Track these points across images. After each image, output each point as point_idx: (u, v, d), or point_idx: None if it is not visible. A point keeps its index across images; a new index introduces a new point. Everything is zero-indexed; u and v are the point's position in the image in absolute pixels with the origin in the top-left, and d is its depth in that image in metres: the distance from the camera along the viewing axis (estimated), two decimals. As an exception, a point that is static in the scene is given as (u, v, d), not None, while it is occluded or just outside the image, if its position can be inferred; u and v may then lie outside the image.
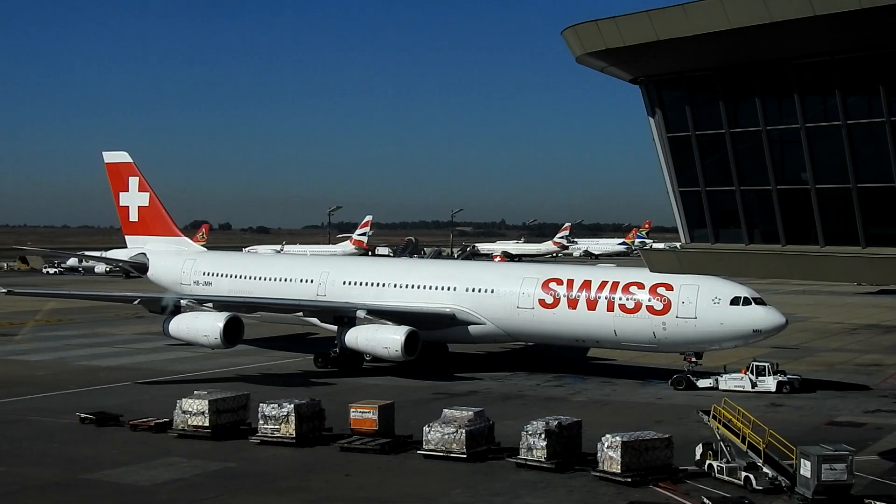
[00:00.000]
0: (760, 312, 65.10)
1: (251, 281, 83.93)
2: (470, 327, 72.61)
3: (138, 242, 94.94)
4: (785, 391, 64.13)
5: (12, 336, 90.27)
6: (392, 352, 67.38)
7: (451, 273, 78.11)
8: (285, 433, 48.15)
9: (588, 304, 68.00)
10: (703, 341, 65.77)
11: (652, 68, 49.65)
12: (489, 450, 46.59)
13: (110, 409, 55.13)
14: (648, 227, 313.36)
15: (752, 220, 49.13)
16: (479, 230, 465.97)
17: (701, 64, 47.51)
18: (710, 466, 43.61)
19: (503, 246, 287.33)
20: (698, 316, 64.81)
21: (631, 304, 66.54)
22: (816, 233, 46.48)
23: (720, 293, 65.09)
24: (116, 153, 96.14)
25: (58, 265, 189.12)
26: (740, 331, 64.84)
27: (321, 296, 77.92)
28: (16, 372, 69.84)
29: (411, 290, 75.56)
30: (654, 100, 50.50)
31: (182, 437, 49.42)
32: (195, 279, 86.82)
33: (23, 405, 58.20)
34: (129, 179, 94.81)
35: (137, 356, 77.90)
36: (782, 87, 45.87)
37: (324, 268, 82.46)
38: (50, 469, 43.89)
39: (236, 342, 68.14)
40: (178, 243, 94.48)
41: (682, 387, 65.58)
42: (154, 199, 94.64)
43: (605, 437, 43.32)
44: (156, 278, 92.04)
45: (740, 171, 47.94)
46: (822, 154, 45.76)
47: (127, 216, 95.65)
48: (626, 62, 49.35)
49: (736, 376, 65.73)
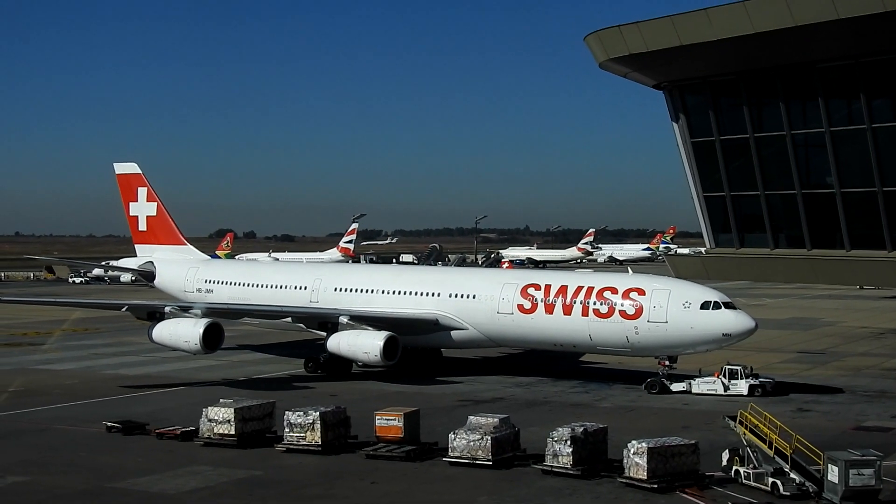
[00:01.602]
0: (730, 316, 64.92)
1: (249, 288, 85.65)
2: (453, 332, 73.80)
3: (147, 251, 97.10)
4: (757, 394, 64.10)
5: (40, 345, 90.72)
6: (372, 356, 68.76)
7: (436, 279, 79.19)
8: (311, 441, 48.16)
9: (564, 308, 68.71)
10: (674, 345, 66.01)
11: (675, 73, 49.65)
12: (515, 456, 46.47)
13: (137, 417, 55.27)
14: (673, 233, 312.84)
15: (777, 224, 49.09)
16: (503, 237, 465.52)
17: (724, 68, 47.50)
18: (736, 472, 43.37)
19: (526, 252, 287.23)
20: (669, 320, 64.94)
21: (605, 308, 67.04)
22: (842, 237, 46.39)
23: (691, 297, 65.22)
24: (126, 164, 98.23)
25: (83, 274, 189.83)
26: (710, 335, 64.82)
27: (314, 302, 79.36)
28: (43, 381, 70.16)
29: (398, 296, 77.14)
30: (678, 105, 50.53)
31: (208, 445, 49.50)
32: (197, 287, 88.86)
33: (50, 414, 58.44)
34: (138, 190, 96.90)
35: (163, 365, 78.09)
36: (806, 91, 45.81)
37: (317, 275, 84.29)
38: (77, 478, 44.03)
39: (216, 347, 69.70)
40: (183, 252, 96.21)
41: (656, 390, 66.07)
42: (161, 208, 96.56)
43: (631, 443, 43.15)
44: (162, 286, 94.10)
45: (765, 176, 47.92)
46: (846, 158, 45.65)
47: (136, 226, 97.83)
48: (649, 67, 49.40)
49: (708, 380, 65.96)
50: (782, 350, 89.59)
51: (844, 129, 44.96)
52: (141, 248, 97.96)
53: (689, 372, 67.56)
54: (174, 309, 72.02)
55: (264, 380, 72.35)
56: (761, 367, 68.53)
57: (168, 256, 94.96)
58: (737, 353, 69.54)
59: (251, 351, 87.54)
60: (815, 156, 47.36)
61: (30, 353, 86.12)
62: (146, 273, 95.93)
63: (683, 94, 50.22)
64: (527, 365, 77.65)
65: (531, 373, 74.09)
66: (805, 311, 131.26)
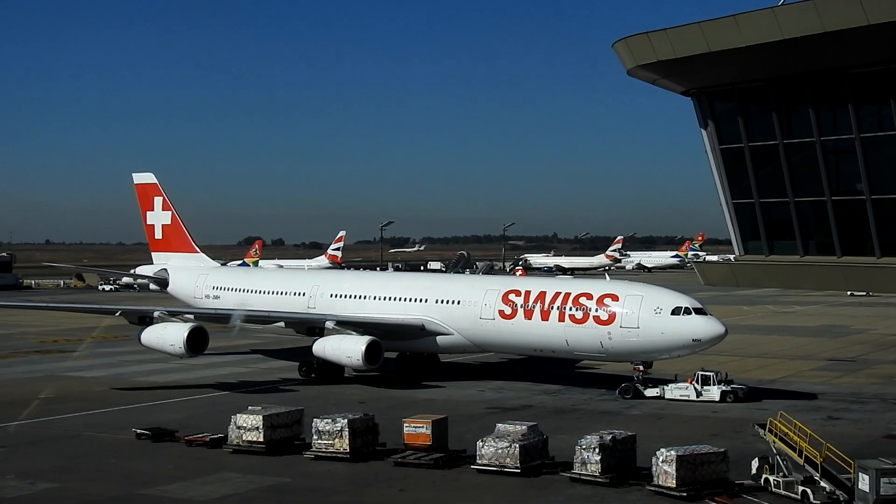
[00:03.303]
0: (700, 322, 65.45)
1: (252, 294, 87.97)
2: (438, 338, 75.09)
3: (162, 259, 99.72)
4: (728, 400, 64.88)
5: (70, 352, 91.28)
6: (354, 360, 70.37)
7: (424, 285, 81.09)
8: (339, 448, 48.24)
9: (542, 314, 69.66)
10: (646, 351, 66.65)
11: (704, 80, 49.45)
12: (543, 464, 46.41)
13: (166, 424, 55.54)
14: (701, 240, 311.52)
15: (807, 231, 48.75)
16: (531, 244, 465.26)
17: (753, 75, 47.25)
18: (766, 481, 43.18)
19: (553, 260, 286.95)
20: (640, 326, 65.75)
21: (580, 314, 67.91)
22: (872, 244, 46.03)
23: (662, 303, 66.24)
24: (144, 174, 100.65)
25: (113, 282, 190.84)
26: (680, 340, 65.44)
27: (311, 308, 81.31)
28: (73, 388, 70.57)
29: (388, 302, 78.75)
30: (706, 112, 50.29)
31: (237, 452, 49.68)
32: (206, 293, 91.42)
33: (80, 421, 58.78)
34: (154, 199, 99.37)
35: (192, 372, 78.43)
36: (836, 97, 45.50)
37: (315, 281, 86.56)
38: (106, 484, 44.25)
39: (200, 351, 71.42)
40: (195, 259, 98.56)
41: (630, 395, 66.72)
42: (175, 217, 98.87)
43: (660, 451, 43.04)
44: (174, 292, 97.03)
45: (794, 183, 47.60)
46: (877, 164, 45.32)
47: (153, 234, 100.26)
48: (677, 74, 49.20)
49: (682, 385, 66.55)
50: (813, 357, 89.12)
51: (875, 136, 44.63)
52: (157, 255, 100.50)
53: (667, 376, 68.41)
54: (162, 314, 74.22)
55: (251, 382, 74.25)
56: (791, 375, 68.25)
57: (181, 264, 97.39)
58: (770, 361, 69.44)
59: (263, 356, 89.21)
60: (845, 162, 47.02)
61: (60, 360, 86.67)
62: (160, 280, 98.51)
63: (712, 100, 49.98)
64: (555, 373, 77.51)
65: (559, 380, 74.03)
66: (835, 318, 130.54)
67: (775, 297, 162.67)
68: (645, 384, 67.10)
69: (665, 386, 66.62)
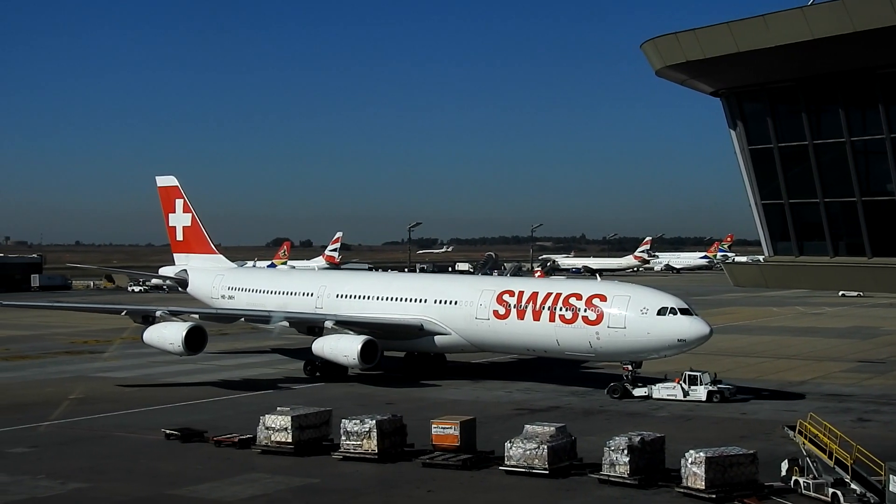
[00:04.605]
0: (685, 322, 65.85)
1: (264, 294, 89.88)
2: (436, 337, 76.17)
3: (183, 260, 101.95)
4: (715, 400, 65.26)
5: (100, 353, 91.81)
6: (350, 359, 71.46)
7: (424, 286, 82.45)
8: (367, 449, 48.32)
9: (534, 315, 70.54)
10: (633, 351, 67.27)
11: (732, 80, 49.26)
12: (571, 466, 46.35)
13: (194, 425, 55.78)
14: (730, 241, 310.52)
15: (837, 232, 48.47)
16: (559, 245, 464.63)
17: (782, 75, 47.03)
18: (796, 483, 42.97)
19: (581, 261, 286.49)
20: (627, 326, 66.45)
21: (569, 314, 68.74)
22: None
23: (648, 304, 66.83)
24: (166, 177, 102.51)
25: (143, 283, 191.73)
26: (666, 341, 65.95)
27: (319, 308, 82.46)
28: (103, 388, 70.96)
29: (389, 302, 79.94)
30: (735, 112, 50.09)
31: (265, 452, 49.81)
32: (221, 293, 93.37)
33: (109, 421, 59.10)
34: (176, 201, 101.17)
35: (221, 373, 78.78)
36: (866, 97, 45.23)
37: (322, 282, 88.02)
38: (136, 484, 44.47)
39: (199, 350, 72.91)
40: (213, 260, 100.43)
41: (618, 395, 67.25)
42: (195, 219, 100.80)
43: (689, 452, 42.91)
44: (193, 292, 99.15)
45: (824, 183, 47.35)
46: (908, 164, 45.05)
47: (174, 235, 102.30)
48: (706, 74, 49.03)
49: (669, 385, 67.02)
50: (842, 359, 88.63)
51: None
52: (178, 256, 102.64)
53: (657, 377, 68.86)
54: (164, 313, 75.65)
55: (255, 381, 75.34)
56: (820, 376, 67.97)
57: (200, 265, 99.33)
58: (800, 362, 68.96)
59: (280, 355, 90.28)
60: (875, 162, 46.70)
61: (90, 360, 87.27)
62: (181, 280, 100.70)
63: (741, 101, 49.78)
64: (583, 374, 77.42)
65: (587, 382, 73.96)
66: (865, 319, 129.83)
67: (805, 299, 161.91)
68: (634, 384, 67.66)
69: (653, 385, 67.18)
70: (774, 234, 51.69)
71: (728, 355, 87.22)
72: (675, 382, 66.85)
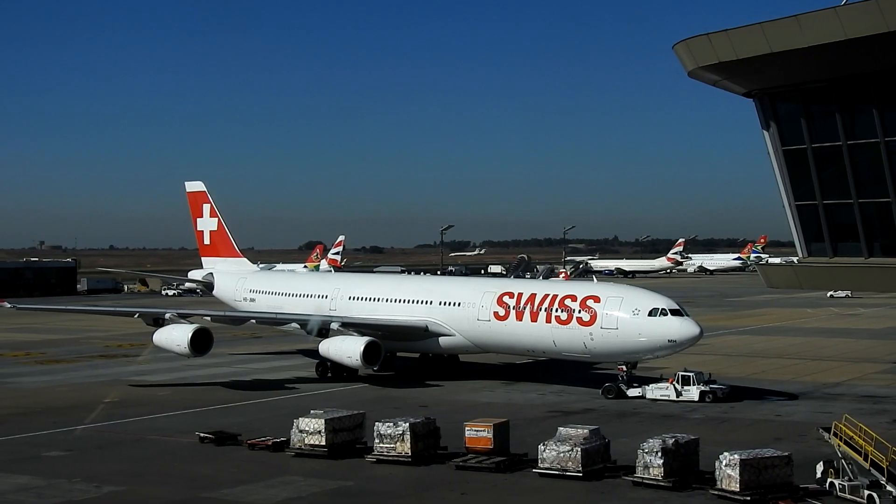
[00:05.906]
0: (675, 323, 66.14)
1: (282, 297, 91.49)
2: (441, 339, 77.17)
3: (210, 263, 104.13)
4: (707, 400, 65.54)
5: (135, 357, 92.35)
6: (353, 360, 72.37)
7: (430, 288, 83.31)
8: (401, 452, 48.34)
9: (531, 316, 71.35)
10: (626, 351, 67.69)
11: (765, 81, 49.16)
12: (605, 468, 46.22)
13: (229, 428, 55.96)
14: (764, 242, 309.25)
15: (871, 233, 48.31)
16: (591, 247, 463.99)
17: (816, 75, 46.90)
18: (831, 485, 42.70)
19: (614, 263, 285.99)
20: (619, 327, 66.90)
21: (564, 315, 69.44)
22: (939, 245, 45.50)
23: (640, 305, 67.21)
24: (195, 183, 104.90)
25: (176, 287, 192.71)
26: (657, 341, 66.31)
27: (332, 310, 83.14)
28: (137, 392, 71.37)
29: (397, 304, 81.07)
30: (769, 113, 50.01)
31: (299, 455, 49.92)
32: (244, 296, 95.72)
33: (144, 425, 59.40)
34: (203, 206, 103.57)
35: (255, 375, 79.10)
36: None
37: (336, 285, 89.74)
38: (171, 488, 44.66)
39: (205, 351, 74.25)
40: (238, 264, 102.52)
41: (613, 395, 67.76)
42: (221, 224, 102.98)
43: (724, 454, 42.72)
44: (219, 295, 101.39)
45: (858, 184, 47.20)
46: (943, 164, 44.79)
47: (202, 240, 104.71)
48: (739, 75, 48.97)
49: (662, 385, 67.43)
50: (878, 360, 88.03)
51: (940, 135, 44.16)
52: (205, 260, 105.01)
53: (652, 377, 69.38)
54: (173, 315, 77.23)
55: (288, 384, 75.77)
56: (854, 378, 67.50)
57: (225, 268, 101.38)
58: (835, 364, 68.53)
59: (301, 356, 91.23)
60: (910, 162, 46.50)
61: (125, 364, 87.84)
62: (207, 284, 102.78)
63: (774, 101, 49.69)
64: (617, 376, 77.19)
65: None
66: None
67: (840, 300, 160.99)
68: (629, 384, 68.06)
69: (646, 386, 67.53)
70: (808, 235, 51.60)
71: (763, 357, 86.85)
72: (668, 383, 67.29)
